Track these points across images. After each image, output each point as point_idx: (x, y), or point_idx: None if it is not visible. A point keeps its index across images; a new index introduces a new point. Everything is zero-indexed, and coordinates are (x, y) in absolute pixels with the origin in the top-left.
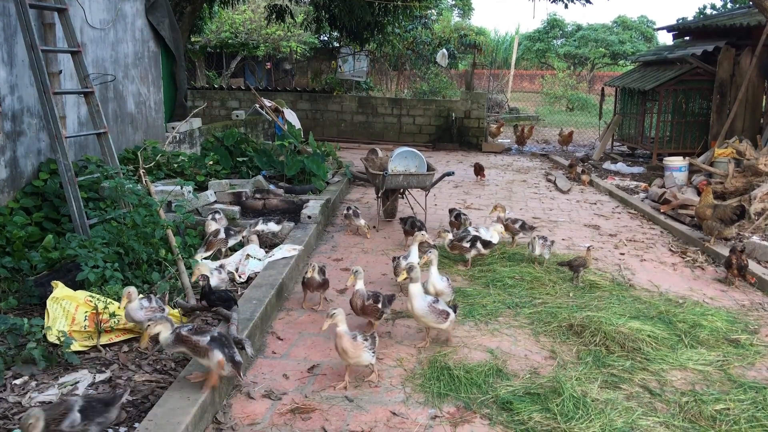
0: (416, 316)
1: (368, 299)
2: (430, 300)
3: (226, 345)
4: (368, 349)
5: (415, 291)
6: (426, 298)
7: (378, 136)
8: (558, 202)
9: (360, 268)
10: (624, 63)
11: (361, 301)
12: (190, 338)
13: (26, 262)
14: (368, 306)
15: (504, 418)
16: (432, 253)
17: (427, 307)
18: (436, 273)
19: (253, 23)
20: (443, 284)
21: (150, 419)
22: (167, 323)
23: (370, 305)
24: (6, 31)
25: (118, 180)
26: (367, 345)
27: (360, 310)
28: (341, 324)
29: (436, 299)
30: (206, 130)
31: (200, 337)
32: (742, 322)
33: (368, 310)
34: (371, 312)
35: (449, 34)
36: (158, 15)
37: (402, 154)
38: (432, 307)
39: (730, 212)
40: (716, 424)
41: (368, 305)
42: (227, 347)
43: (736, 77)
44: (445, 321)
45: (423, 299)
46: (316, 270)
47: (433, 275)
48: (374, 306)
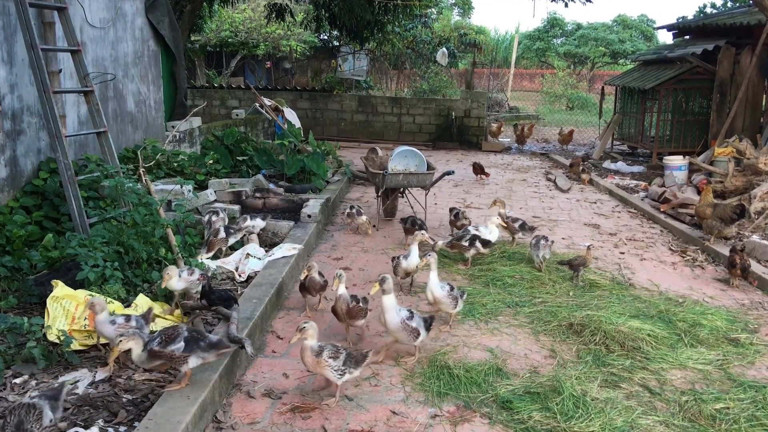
0: (389, 331)
1: (351, 302)
2: (404, 315)
3: (200, 339)
4: (332, 369)
5: (388, 304)
6: (401, 312)
7: (378, 135)
8: (558, 201)
9: (342, 272)
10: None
11: (345, 306)
12: (164, 351)
13: (26, 261)
14: (353, 308)
15: (504, 417)
16: (431, 256)
17: (400, 323)
18: (435, 279)
19: (253, 22)
20: (442, 292)
21: (150, 418)
22: (139, 339)
23: (355, 307)
24: (6, 30)
25: (118, 179)
26: (331, 364)
27: (345, 314)
28: (310, 338)
29: (410, 314)
30: (206, 129)
31: (174, 346)
32: (741, 321)
33: (353, 312)
34: (357, 313)
35: (449, 33)
36: (158, 14)
37: (402, 153)
38: (404, 324)
39: (730, 211)
40: (716, 423)
41: (353, 307)
42: (201, 340)
43: (736, 76)
44: (415, 339)
45: (397, 313)
46: (315, 270)
47: (431, 281)
48: (358, 307)
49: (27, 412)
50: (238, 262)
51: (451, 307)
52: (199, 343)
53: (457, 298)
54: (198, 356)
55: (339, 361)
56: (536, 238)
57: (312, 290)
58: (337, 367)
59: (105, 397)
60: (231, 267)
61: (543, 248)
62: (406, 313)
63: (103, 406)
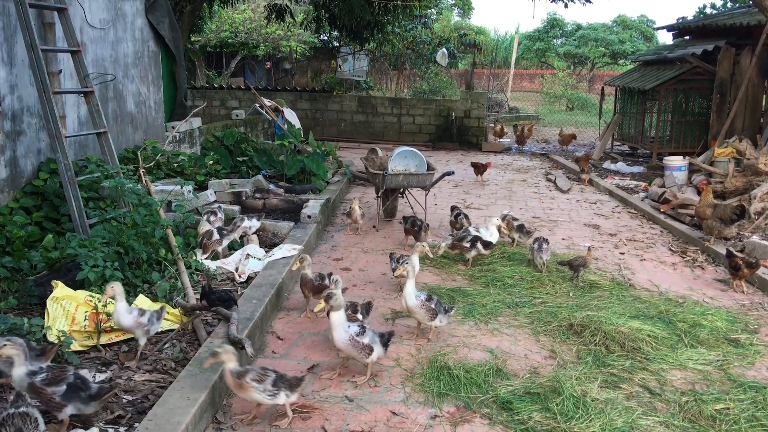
0: (337, 348)
1: (346, 310)
2: (353, 332)
3: (81, 388)
4: (259, 391)
5: (336, 321)
6: (349, 329)
7: (378, 136)
8: (558, 202)
9: (338, 277)
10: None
11: None
12: (44, 390)
13: (26, 261)
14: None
15: (504, 418)
16: (409, 263)
17: (348, 340)
18: (410, 288)
19: (253, 23)
20: (415, 301)
21: (150, 419)
22: (21, 354)
23: (349, 316)
24: (6, 31)
25: (118, 179)
26: (256, 386)
27: None
28: (229, 363)
29: (361, 329)
30: (206, 129)
31: (55, 388)
32: (742, 321)
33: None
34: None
35: (449, 33)
36: (158, 14)
37: (402, 153)
38: (353, 341)
39: (730, 212)
40: (716, 423)
41: (347, 316)
42: (83, 390)
43: (736, 77)
44: (367, 356)
45: (344, 330)
46: (308, 264)
47: (407, 289)
48: (352, 316)
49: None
50: (238, 263)
51: (427, 319)
52: (80, 393)
53: (437, 311)
54: (75, 407)
55: (266, 383)
56: (538, 241)
57: (304, 288)
58: (264, 389)
59: None
60: (231, 267)
61: (545, 252)
62: (355, 328)
63: (103, 406)
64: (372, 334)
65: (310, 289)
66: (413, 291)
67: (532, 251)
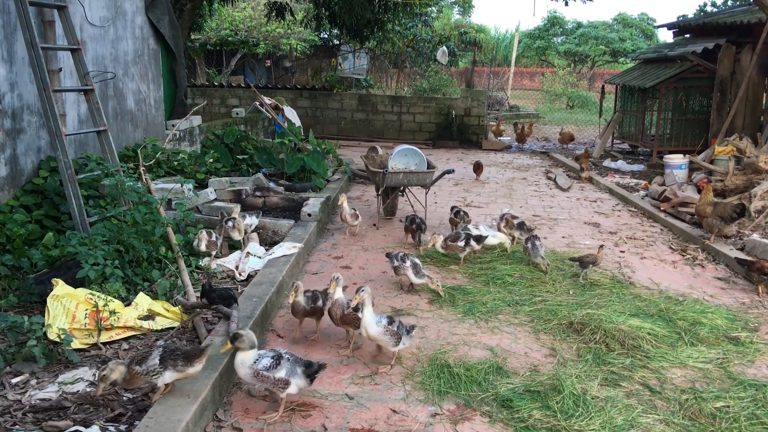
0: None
1: (348, 308)
2: (261, 367)
3: None
4: None
5: (239, 360)
6: (256, 364)
7: (378, 134)
8: (558, 200)
9: (339, 276)
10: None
11: (340, 311)
12: None
13: (26, 259)
14: (348, 315)
15: (504, 416)
16: (364, 291)
17: (252, 375)
18: (369, 315)
19: (253, 21)
20: (378, 329)
21: (150, 417)
22: None
23: (350, 314)
24: (6, 29)
25: (118, 178)
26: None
27: (339, 320)
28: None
29: (274, 361)
30: (206, 127)
31: None
32: (742, 319)
33: (347, 319)
34: (351, 321)
35: (449, 31)
36: (158, 12)
37: (402, 151)
38: (260, 376)
39: (730, 210)
40: (716, 421)
41: (348, 314)
42: None
43: (737, 75)
44: (282, 390)
45: (248, 367)
46: (301, 292)
47: (366, 318)
48: (354, 315)
49: None
50: (238, 261)
51: (392, 344)
52: None
53: (400, 333)
54: None
55: None
56: (530, 240)
57: (295, 314)
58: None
59: (105, 395)
60: (231, 266)
61: (541, 248)
62: (266, 361)
63: (103, 405)
64: (290, 366)
65: (302, 314)
66: (373, 317)
67: (527, 252)
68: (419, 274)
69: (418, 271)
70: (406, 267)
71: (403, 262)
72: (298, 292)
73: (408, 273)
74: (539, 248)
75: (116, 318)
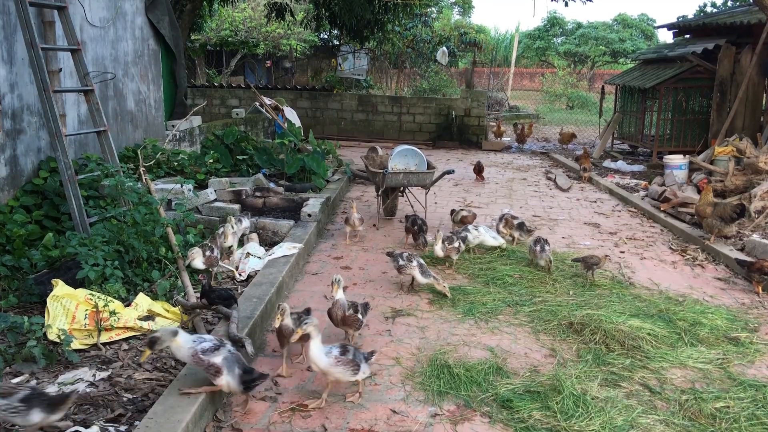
0: None
1: (348, 309)
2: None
3: None
4: None
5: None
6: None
7: (378, 134)
8: (558, 200)
9: (340, 277)
10: (624, 61)
11: (341, 312)
12: None
13: (26, 260)
14: (349, 317)
15: (504, 416)
16: (309, 323)
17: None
18: (316, 348)
19: (253, 21)
20: (327, 360)
21: (150, 417)
22: None
23: (351, 316)
24: (6, 29)
25: (118, 178)
26: None
27: (340, 321)
28: None
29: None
30: (206, 128)
31: None
32: (742, 320)
33: (349, 320)
34: (351, 322)
35: (449, 32)
36: (158, 13)
37: (402, 152)
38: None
39: (730, 210)
40: (716, 422)
41: (349, 316)
42: None
43: (737, 75)
44: (214, 377)
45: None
46: (288, 315)
47: (312, 351)
48: (354, 316)
49: None
50: (238, 261)
51: (349, 375)
52: None
53: (358, 362)
54: None
55: None
56: (539, 243)
57: (281, 338)
58: None
59: (105, 396)
60: (231, 266)
61: (548, 252)
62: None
63: (103, 405)
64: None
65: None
66: (320, 349)
67: (534, 253)
68: (425, 273)
69: (424, 271)
70: (412, 267)
71: (410, 262)
72: (284, 315)
73: (415, 273)
74: (547, 252)
75: (116, 318)
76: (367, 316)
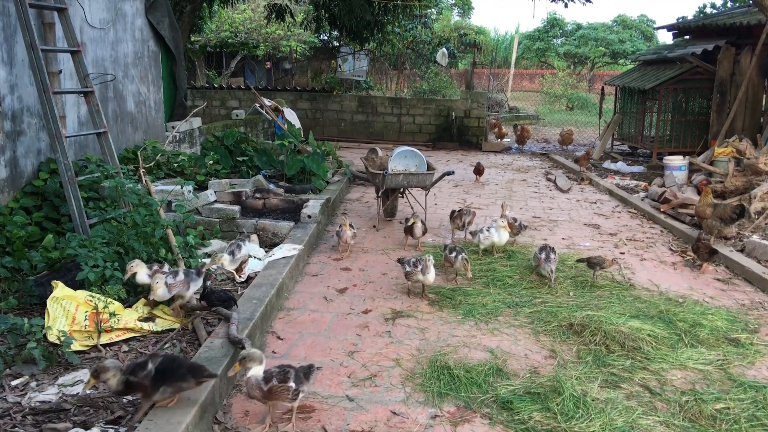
0: None
1: (270, 380)
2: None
3: None
4: None
5: None
6: None
7: (378, 136)
8: (558, 201)
9: (250, 352)
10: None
11: (258, 391)
12: None
13: (26, 261)
14: (275, 388)
15: (504, 418)
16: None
17: None
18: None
19: (253, 22)
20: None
21: (150, 419)
22: None
23: (278, 387)
24: (6, 31)
25: (118, 179)
26: None
27: (264, 398)
28: None
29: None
30: (206, 129)
31: None
32: (742, 321)
33: (276, 394)
34: (280, 395)
35: (449, 33)
36: (158, 14)
37: (402, 153)
38: None
39: (730, 211)
40: (716, 423)
41: (275, 388)
42: None
43: (736, 76)
44: None
45: None
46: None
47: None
48: (284, 387)
49: None
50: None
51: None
52: None
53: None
54: None
55: None
56: (545, 251)
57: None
58: None
59: (105, 397)
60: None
61: (553, 262)
62: None
63: (103, 407)
64: None
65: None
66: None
67: (539, 261)
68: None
69: None
70: (417, 272)
71: (416, 267)
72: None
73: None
74: (552, 261)
75: (116, 320)
76: (311, 382)
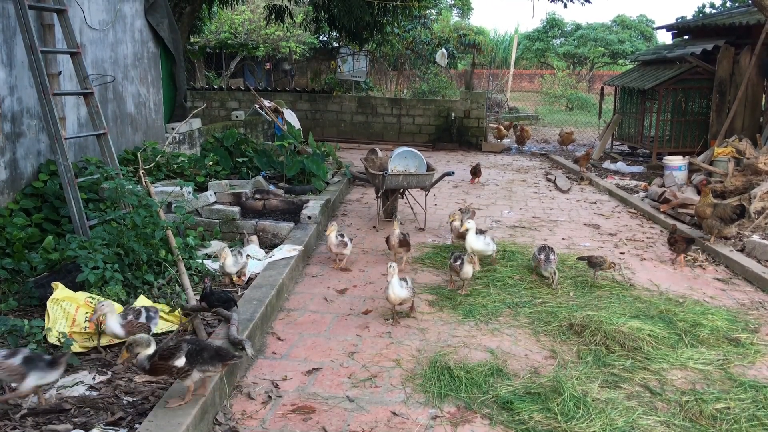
0: None
1: (154, 356)
2: None
3: None
4: None
5: None
6: None
7: (377, 136)
8: (558, 202)
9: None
10: (623, 62)
11: (142, 370)
12: None
13: (26, 263)
14: (156, 364)
15: (504, 418)
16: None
17: None
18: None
19: (253, 23)
20: None
21: (150, 420)
22: None
23: (160, 364)
24: (5, 33)
25: (118, 181)
26: None
27: (150, 375)
28: None
29: None
30: (206, 130)
31: None
32: (742, 321)
33: (160, 370)
34: (165, 372)
35: (448, 33)
36: (157, 16)
37: (402, 154)
38: None
39: (730, 211)
40: (717, 423)
41: (155, 363)
42: None
43: (736, 76)
44: None
45: None
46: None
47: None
48: (167, 365)
49: None
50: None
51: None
52: None
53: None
54: None
55: None
56: (544, 251)
57: None
58: None
59: (105, 398)
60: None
61: (553, 262)
62: None
63: (104, 408)
64: None
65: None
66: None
67: (539, 261)
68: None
69: None
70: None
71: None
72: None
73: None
74: (552, 262)
75: None
76: None
